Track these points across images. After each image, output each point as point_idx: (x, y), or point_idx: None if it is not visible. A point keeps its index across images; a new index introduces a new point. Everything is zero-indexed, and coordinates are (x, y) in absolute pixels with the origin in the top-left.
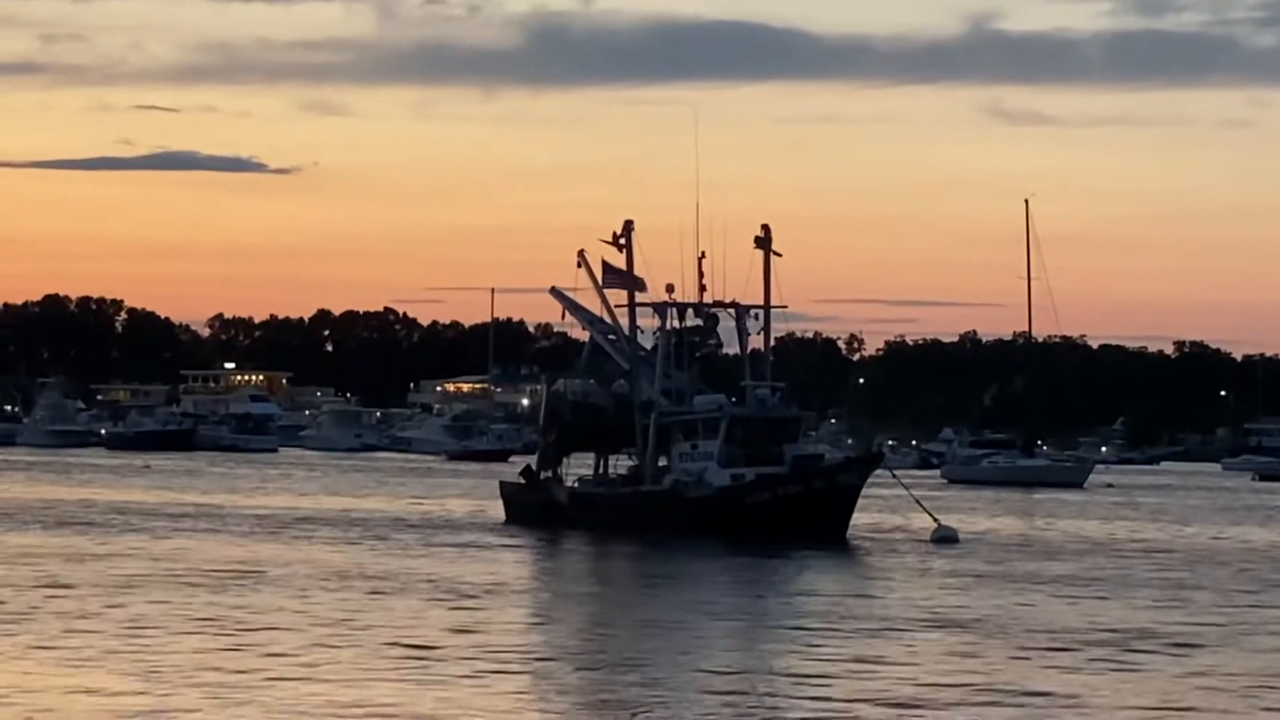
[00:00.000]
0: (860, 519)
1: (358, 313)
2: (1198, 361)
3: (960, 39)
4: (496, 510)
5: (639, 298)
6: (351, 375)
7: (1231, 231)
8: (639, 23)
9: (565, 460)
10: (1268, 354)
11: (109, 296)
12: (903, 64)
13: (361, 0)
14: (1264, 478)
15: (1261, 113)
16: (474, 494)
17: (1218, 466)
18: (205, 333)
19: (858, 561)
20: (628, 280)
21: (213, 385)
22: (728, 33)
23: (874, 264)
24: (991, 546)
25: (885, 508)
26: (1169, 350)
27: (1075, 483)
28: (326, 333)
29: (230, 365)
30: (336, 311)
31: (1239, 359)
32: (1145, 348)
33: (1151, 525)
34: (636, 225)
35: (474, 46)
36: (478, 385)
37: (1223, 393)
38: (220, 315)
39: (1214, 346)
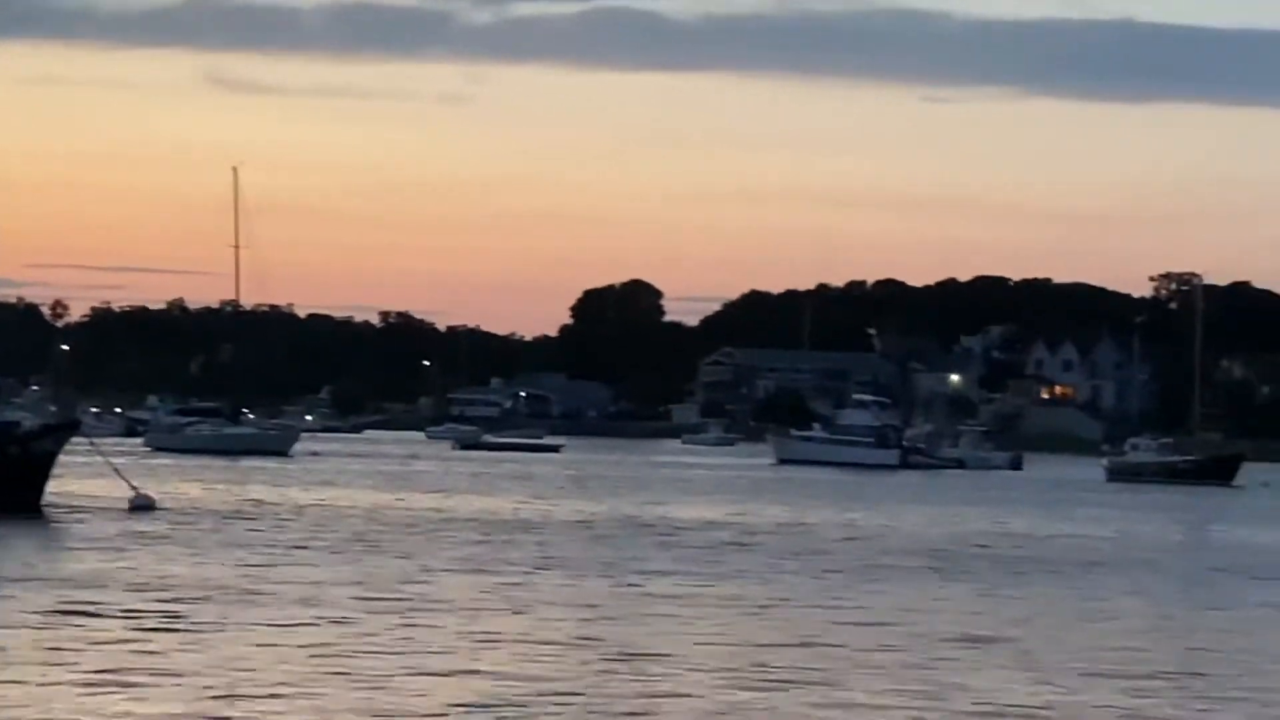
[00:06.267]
0: (57, 486)
1: None
2: (403, 332)
3: (183, 5)
4: None
5: None
6: None
7: (440, 205)
8: None
9: None
10: (470, 325)
11: None
12: (126, 28)
13: None
14: (465, 446)
15: (478, 88)
16: None
17: (422, 435)
18: None
19: (49, 530)
20: None
21: None
22: None
23: (84, 229)
24: (191, 514)
25: (86, 475)
26: (375, 320)
27: (281, 451)
28: None
29: None
30: None
31: (443, 330)
32: (352, 318)
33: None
34: None
35: None
36: None
37: (426, 363)
38: None
39: (419, 317)
